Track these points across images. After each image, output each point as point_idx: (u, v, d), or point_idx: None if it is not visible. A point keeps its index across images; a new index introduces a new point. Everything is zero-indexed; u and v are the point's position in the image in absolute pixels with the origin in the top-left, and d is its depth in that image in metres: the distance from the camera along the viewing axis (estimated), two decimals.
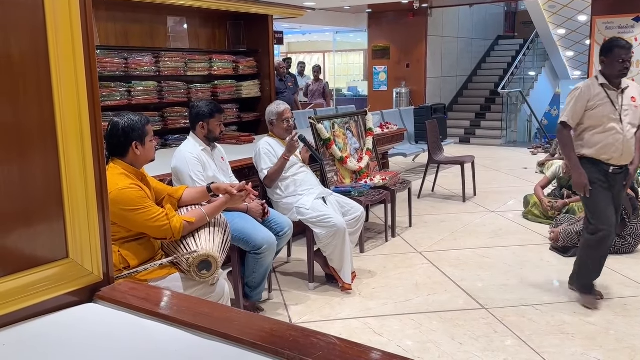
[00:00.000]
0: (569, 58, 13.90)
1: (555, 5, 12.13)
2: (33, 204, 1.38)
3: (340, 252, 4.05)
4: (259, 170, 4.18)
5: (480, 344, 3.33)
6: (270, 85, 7.33)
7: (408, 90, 12.32)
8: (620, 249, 4.84)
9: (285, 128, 4.19)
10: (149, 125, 2.83)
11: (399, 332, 3.51)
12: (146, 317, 1.44)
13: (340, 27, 14.21)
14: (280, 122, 4.19)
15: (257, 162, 4.19)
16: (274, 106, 4.27)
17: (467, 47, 14.01)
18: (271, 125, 4.24)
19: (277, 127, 4.21)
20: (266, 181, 4.13)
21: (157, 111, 6.19)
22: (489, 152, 10.79)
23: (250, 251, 3.57)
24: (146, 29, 6.31)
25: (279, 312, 3.83)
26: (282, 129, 4.20)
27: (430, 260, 4.80)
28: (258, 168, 4.18)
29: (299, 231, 4.35)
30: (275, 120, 4.20)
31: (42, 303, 1.41)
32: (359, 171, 5.23)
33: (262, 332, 1.32)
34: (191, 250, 2.70)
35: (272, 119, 4.21)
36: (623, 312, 3.75)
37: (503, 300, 3.97)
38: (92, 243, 1.50)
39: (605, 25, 10.19)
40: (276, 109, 4.22)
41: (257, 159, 4.18)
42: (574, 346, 3.31)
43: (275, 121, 4.20)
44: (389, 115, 8.68)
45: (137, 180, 2.75)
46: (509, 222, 5.98)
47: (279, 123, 4.19)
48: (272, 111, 4.23)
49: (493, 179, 8.23)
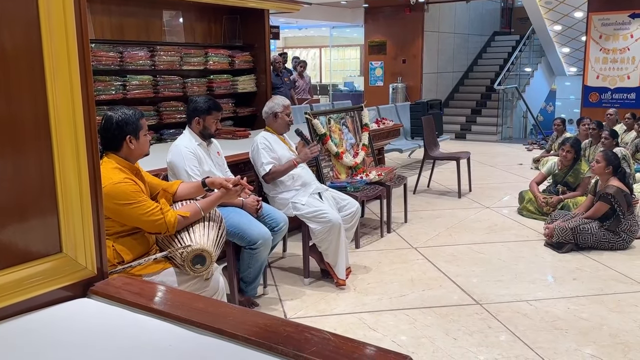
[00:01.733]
0: (565, 54, 13.92)
1: (552, 2, 12.14)
2: (26, 199, 1.38)
3: (335, 248, 4.06)
4: (257, 166, 4.14)
5: (474, 339, 3.34)
6: (266, 80, 7.31)
7: (404, 86, 12.32)
8: (615, 245, 4.86)
9: (287, 122, 4.22)
10: (143, 119, 2.82)
11: (393, 327, 3.52)
12: (140, 312, 1.44)
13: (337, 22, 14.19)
14: (284, 115, 4.19)
15: (254, 158, 4.17)
16: (281, 99, 4.27)
17: (463, 42, 14.01)
18: (275, 117, 4.21)
19: (280, 120, 4.20)
20: (267, 178, 4.12)
21: (152, 105, 6.17)
22: (484, 148, 10.81)
23: (245, 246, 3.56)
24: (141, 23, 6.27)
25: (274, 307, 3.83)
26: (284, 122, 4.21)
27: (425, 255, 4.81)
28: (257, 163, 4.15)
29: (295, 226, 4.35)
30: (280, 112, 4.18)
31: (36, 298, 1.40)
32: (355, 167, 5.23)
33: (256, 328, 1.32)
34: (185, 245, 2.70)
35: (277, 111, 4.19)
36: (617, 308, 3.77)
37: (497, 295, 3.98)
38: (85, 238, 1.49)
39: (601, 21, 10.21)
40: (282, 101, 4.23)
41: (254, 154, 4.16)
42: (568, 342, 3.32)
43: (280, 113, 4.18)
44: (385, 111, 8.69)
45: (131, 175, 2.74)
46: (504, 217, 5.99)
47: (283, 116, 4.19)
48: (279, 103, 4.21)
49: (488, 175, 8.25)
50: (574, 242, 4.86)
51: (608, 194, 4.86)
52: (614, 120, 8.46)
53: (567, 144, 5.98)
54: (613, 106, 9.62)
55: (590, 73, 10.44)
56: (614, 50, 10.17)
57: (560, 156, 6.03)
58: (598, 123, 7.44)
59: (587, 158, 6.83)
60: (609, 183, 4.96)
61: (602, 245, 4.86)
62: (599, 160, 5.06)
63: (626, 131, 7.97)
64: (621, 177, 5.00)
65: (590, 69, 10.43)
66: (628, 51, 10.06)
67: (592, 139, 7.32)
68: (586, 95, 10.56)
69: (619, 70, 10.17)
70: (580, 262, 4.63)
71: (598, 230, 4.87)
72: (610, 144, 6.47)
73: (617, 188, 4.86)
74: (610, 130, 6.89)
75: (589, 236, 4.84)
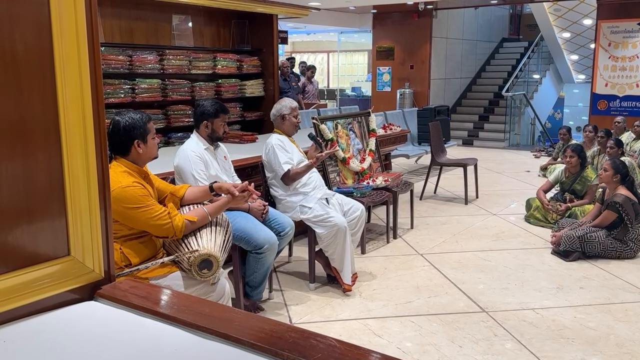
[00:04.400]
0: (574, 62, 13.89)
1: (561, 9, 12.12)
2: (35, 201, 1.38)
3: (342, 252, 4.05)
4: (275, 166, 4.11)
5: (480, 347, 3.33)
6: (274, 84, 7.33)
7: (412, 92, 12.31)
8: (622, 254, 4.83)
9: (295, 124, 4.25)
10: (150, 123, 2.82)
11: (398, 333, 3.50)
12: (146, 315, 1.44)
13: (345, 27, 14.20)
14: (292, 116, 4.22)
15: (270, 159, 4.15)
16: (288, 101, 4.31)
17: (471, 49, 13.99)
18: (282, 119, 4.23)
19: (288, 122, 4.22)
20: (285, 179, 4.11)
21: (160, 109, 6.20)
22: (491, 155, 10.78)
23: (251, 251, 3.57)
24: (151, 27, 6.31)
25: (279, 312, 3.83)
26: (292, 124, 4.24)
27: (431, 262, 4.80)
28: (274, 163, 4.11)
29: (301, 231, 4.35)
30: (288, 114, 4.21)
31: (43, 300, 1.41)
32: (362, 172, 5.23)
33: (262, 333, 1.32)
34: (192, 249, 2.70)
35: (285, 113, 4.21)
36: (624, 318, 3.75)
37: (504, 303, 3.97)
38: (93, 241, 1.49)
39: (611, 29, 10.17)
40: (290, 103, 4.27)
41: (270, 155, 4.15)
42: (574, 351, 3.30)
43: (287, 115, 4.21)
44: (392, 116, 8.68)
45: (140, 179, 2.75)
46: (510, 225, 5.97)
47: (291, 118, 4.21)
48: (286, 105, 4.24)
49: (495, 182, 8.23)
50: (581, 250, 4.83)
51: (616, 203, 4.83)
52: (622, 128, 8.42)
53: (568, 149, 5.99)
54: (621, 114, 9.57)
55: (599, 81, 10.40)
56: (623, 58, 10.13)
57: (565, 162, 6.03)
58: (606, 131, 7.41)
59: (595, 166, 6.81)
60: (616, 192, 4.94)
61: (609, 254, 4.83)
62: (606, 169, 5.04)
63: (635, 139, 7.93)
64: (629, 186, 4.97)
65: (599, 77, 10.39)
66: (637, 59, 10.02)
67: (600, 147, 7.28)
68: (594, 103, 10.52)
69: (628, 78, 10.13)
70: (588, 271, 4.60)
71: (605, 238, 4.84)
72: (616, 152, 6.44)
73: (625, 197, 4.83)
74: (615, 139, 6.85)
75: (597, 245, 4.82)
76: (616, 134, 7.93)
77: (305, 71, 11.22)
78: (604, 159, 6.16)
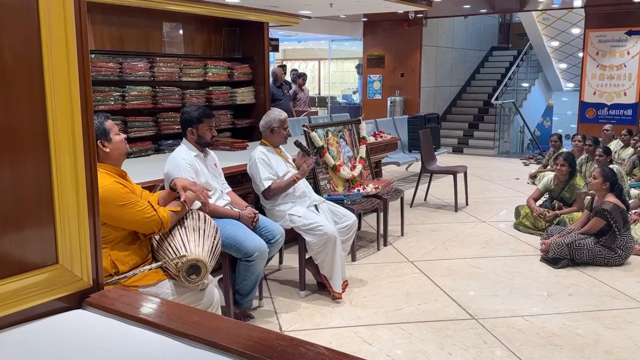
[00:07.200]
0: (562, 70, 14.02)
1: (549, 18, 12.25)
2: (23, 209, 1.37)
3: (331, 261, 4.05)
4: (257, 181, 4.11)
5: (469, 354, 3.33)
6: (265, 92, 7.34)
7: (402, 99, 12.36)
8: (610, 261, 4.86)
9: (285, 135, 4.23)
10: (108, 121, 2.80)
11: (389, 341, 3.50)
12: (135, 324, 1.43)
13: (336, 35, 14.26)
14: (281, 129, 4.20)
15: (253, 173, 4.14)
16: (277, 113, 4.26)
17: (461, 57, 14.08)
18: (271, 132, 4.21)
19: (277, 134, 4.20)
20: (266, 194, 4.10)
21: (151, 116, 6.18)
22: (481, 162, 10.83)
23: (241, 258, 3.56)
24: (141, 34, 6.30)
25: (269, 320, 3.82)
26: (281, 136, 4.21)
27: (421, 269, 4.81)
28: (255, 178, 4.11)
29: (291, 238, 4.35)
30: (277, 127, 4.19)
31: (31, 308, 1.40)
32: (352, 179, 5.24)
33: (251, 341, 1.31)
34: (180, 255, 2.69)
35: (274, 125, 4.19)
36: (612, 324, 3.77)
37: (493, 310, 3.98)
38: (82, 249, 1.49)
39: (599, 38, 10.29)
40: (279, 116, 4.22)
41: (252, 169, 4.14)
42: (563, 357, 3.31)
43: (276, 128, 4.19)
44: (382, 124, 8.71)
45: (119, 178, 2.76)
46: (500, 232, 6.00)
47: (280, 130, 4.19)
48: (275, 118, 4.20)
49: (485, 189, 8.27)
50: (570, 257, 4.86)
51: (604, 210, 4.87)
52: (610, 137, 8.50)
53: (560, 157, 6.03)
54: (610, 122, 9.67)
55: (587, 89, 10.51)
56: (611, 67, 10.24)
57: (556, 170, 6.07)
58: (595, 139, 7.47)
59: (583, 174, 6.86)
60: (605, 199, 4.98)
61: (597, 261, 4.87)
62: (595, 177, 5.08)
63: (623, 147, 8.01)
64: (618, 194, 5.01)
65: (587, 85, 10.50)
66: (625, 68, 10.13)
67: (588, 155, 7.34)
68: (583, 111, 10.62)
69: (616, 87, 10.24)
70: (576, 278, 4.63)
71: (594, 246, 4.87)
72: (605, 161, 6.49)
73: (613, 204, 4.87)
74: (604, 147, 6.91)
75: (585, 252, 4.85)
76: (605, 142, 8.00)
77: (297, 79, 11.24)
78: (593, 167, 6.21)
